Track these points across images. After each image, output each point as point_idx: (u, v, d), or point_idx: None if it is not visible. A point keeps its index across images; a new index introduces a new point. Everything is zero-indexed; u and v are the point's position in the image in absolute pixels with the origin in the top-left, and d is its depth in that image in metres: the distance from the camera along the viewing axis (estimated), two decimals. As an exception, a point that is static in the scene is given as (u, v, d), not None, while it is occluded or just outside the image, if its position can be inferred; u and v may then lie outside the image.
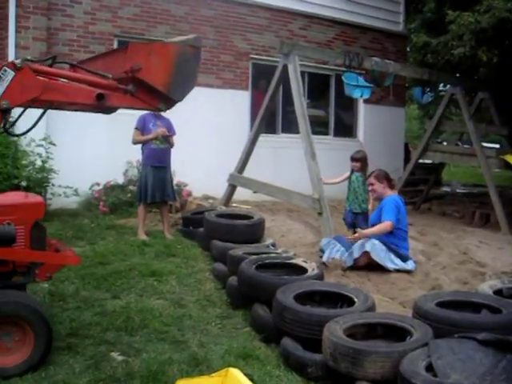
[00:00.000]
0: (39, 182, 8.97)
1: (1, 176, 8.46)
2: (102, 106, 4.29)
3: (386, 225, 6.63)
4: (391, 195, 7.00)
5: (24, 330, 4.17)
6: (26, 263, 4.48)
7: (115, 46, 10.91)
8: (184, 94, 4.36)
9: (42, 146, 9.15)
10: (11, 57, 9.62)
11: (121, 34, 10.94)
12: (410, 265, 6.59)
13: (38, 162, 9.13)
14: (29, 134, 4.26)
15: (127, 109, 4.45)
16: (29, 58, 4.16)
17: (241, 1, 12.24)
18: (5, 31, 9.79)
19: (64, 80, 4.19)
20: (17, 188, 8.22)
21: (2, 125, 4.03)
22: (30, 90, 3.99)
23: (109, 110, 4.59)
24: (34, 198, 4.89)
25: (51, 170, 9.23)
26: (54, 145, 9.28)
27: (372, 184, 6.98)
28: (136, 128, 8.28)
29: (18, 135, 4.17)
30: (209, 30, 11.89)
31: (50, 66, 4.34)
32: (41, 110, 4.19)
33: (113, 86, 4.25)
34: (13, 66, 3.93)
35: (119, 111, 4.51)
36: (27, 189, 8.15)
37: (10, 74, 3.94)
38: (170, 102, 4.40)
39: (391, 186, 7.07)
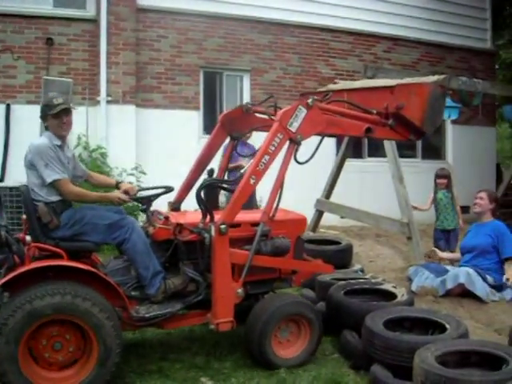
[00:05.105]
0: (131, 210, 9.23)
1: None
2: (367, 137, 4.91)
3: None
4: (497, 221, 6.85)
5: (298, 324, 4.82)
6: (289, 271, 5.11)
7: (201, 77, 11.26)
8: (434, 127, 4.95)
9: (133, 174, 9.43)
10: (103, 91, 10.09)
11: (206, 64, 11.25)
12: (507, 294, 6.32)
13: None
14: (121, 164, 4.44)
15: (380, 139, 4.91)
16: (315, 97, 4.68)
17: (324, 26, 12.34)
18: (97, 67, 10.31)
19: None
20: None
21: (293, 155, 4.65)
22: (317, 125, 4.59)
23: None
24: (297, 214, 5.45)
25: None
26: (144, 173, 9.56)
27: (481, 198, 6.76)
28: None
29: (302, 163, 4.66)
30: (292, 57, 12.05)
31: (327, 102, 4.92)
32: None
33: (377, 121, 4.81)
34: (306, 105, 4.48)
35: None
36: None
37: (303, 111, 4.49)
38: (420, 134, 4.98)
39: (494, 212, 6.85)
